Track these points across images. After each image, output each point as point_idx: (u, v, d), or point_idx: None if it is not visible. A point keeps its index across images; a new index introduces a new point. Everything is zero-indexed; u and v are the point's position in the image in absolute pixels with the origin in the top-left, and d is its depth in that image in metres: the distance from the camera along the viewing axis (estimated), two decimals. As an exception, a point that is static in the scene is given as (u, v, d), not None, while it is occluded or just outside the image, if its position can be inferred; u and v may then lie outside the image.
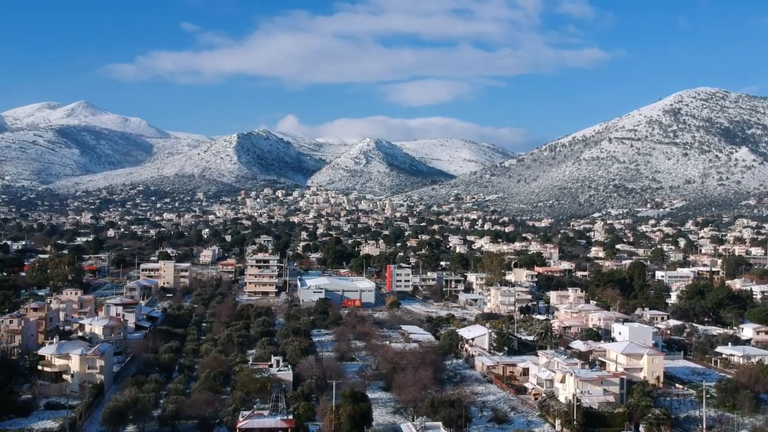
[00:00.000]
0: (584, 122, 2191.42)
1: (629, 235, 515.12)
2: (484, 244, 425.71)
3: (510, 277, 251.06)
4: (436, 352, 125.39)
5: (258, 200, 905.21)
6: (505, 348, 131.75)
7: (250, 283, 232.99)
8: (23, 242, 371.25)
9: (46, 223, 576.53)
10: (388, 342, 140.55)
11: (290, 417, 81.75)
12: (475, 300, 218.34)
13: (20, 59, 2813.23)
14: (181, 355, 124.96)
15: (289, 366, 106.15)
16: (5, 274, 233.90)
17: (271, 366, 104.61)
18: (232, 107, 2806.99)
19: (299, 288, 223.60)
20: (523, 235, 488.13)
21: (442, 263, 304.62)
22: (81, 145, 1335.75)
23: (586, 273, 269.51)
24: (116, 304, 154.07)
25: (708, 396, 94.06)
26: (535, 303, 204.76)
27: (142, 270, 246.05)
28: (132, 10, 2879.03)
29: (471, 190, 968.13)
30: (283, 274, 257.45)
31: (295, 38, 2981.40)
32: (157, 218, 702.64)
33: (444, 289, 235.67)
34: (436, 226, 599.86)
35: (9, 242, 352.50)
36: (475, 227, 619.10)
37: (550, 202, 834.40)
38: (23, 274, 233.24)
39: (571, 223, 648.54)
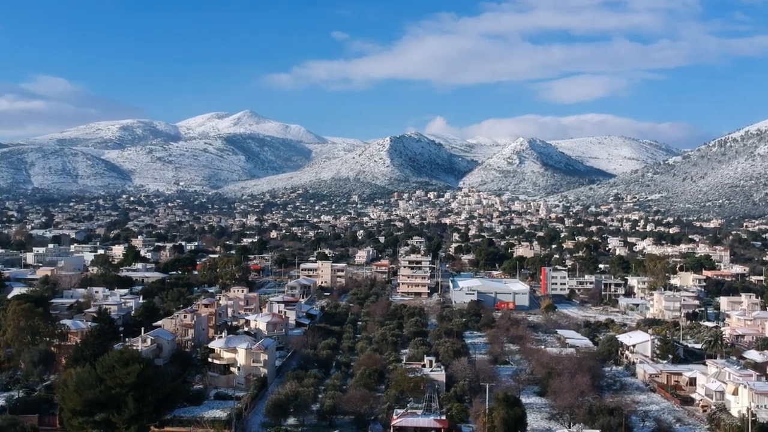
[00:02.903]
0: (758, 115, 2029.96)
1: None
2: (646, 246, 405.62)
3: (675, 281, 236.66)
4: (594, 358, 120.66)
5: (410, 202, 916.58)
6: (670, 356, 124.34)
7: (402, 283, 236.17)
8: (196, 243, 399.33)
9: (216, 225, 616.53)
10: (543, 346, 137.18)
11: (443, 417, 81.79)
12: (637, 305, 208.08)
13: (193, 73, 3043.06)
14: (338, 352, 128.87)
15: (442, 367, 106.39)
16: (180, 272, 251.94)
17: (424, 366, 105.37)
18: (382, 111, 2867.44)
19: (451, 289, 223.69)
20: (690, 236, 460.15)
21: (601, 266, 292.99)
22: (246, 151, 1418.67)
23: (761, 278, 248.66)
24: (278, 302, 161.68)
25: None
26: (703, 309, 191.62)
27: (302, 269, 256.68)
28: (286, 22, 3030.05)
29: (632, 190, 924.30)
30: (435, 275, 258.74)
31: (442, 41, 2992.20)
32: (315, 220, 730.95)
33: (603, 293, 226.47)
34: (593, 228, 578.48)
35: (183, 243, 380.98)
36: (637, 228, 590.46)
37: (720, 201, 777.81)
38: (196, 272, 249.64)
39: (744, 224, 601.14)
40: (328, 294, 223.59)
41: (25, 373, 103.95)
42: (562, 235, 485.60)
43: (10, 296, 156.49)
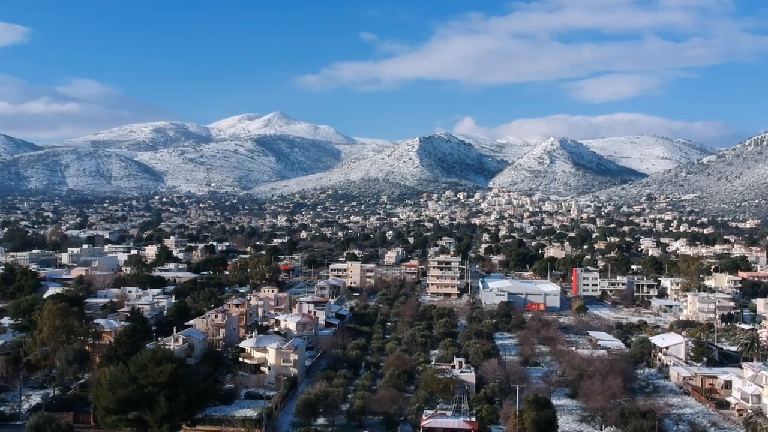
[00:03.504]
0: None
1: None
2: (679, 246, 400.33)
3: (709, 282, 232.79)
4: (626, 360, 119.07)
5: (439, 202, 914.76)
6: (704, 358, 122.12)
7: (432, 284, 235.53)
8: (227, 243, 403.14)
9: (247, 225, 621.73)
10: (574, 348, 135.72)
11: (473, 419, 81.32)
12: (670, 306, 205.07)
13: (223, 75, 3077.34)
14: (367, 353, 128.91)
15: (472, 368, 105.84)
16: (212, 272, 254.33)
17: (453, 367, 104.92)
18: (411, 112, 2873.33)
19: (481, 290, 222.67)
20: (725, 237, 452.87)
21: (633, 267, 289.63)
22: (276, 153, 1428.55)
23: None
24: (308, 302, 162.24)
25: None
26: (738, 311, 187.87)
27: (331, 270, 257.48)
28: (315, 24, 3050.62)
29: (665, 190, 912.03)
30: (464, 276, 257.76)
31: (471, 41, 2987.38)
32: (344, 221, 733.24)
33: (635, 294, 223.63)
34: (626, 228, 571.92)
35: (215, 243, 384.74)
36: (670, 229, 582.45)
37: (756, 201, 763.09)
38: (227, 272, 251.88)
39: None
40: (357, 294, 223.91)
41: (61, 371, 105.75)
42: (594, 235, 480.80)
43: (45, 296, 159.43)
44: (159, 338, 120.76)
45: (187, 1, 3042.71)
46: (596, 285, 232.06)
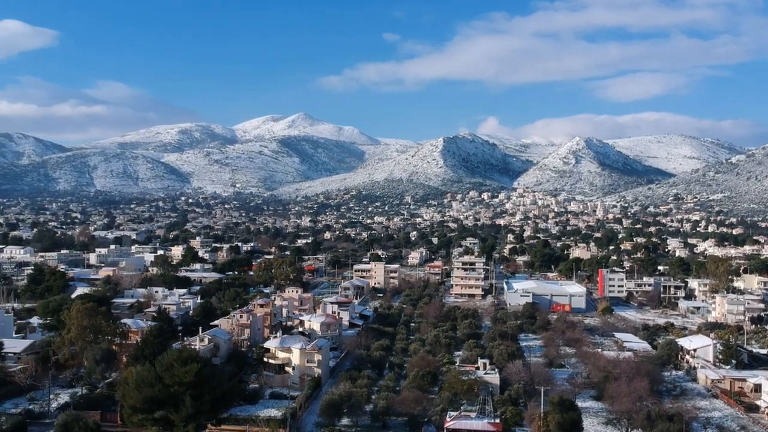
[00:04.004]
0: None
1: None
2: (707, 247, 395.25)
3: (738, 283, 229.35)
4: (653, 363, 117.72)
5: (464, 203, 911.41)
6: (733, 361, 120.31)
7: (456, 285, 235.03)
8: (251, 244, 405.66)
9: (271, 226, 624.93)
10: (599, 349, 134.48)
11: (497, 420, 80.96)
12: (698, 308, 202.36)
13: (247, 77, 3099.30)
14: (391, 353, 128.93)
15: (496, 369, 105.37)
16: (237, 273, 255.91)
17: (477, 368, 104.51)
18: (434, 112, 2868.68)
19: (505, 291, 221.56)
20: (754, 237, 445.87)
21: (660, 268, 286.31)
22: (300, 153, 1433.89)
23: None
24: (332, 303, 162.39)
25: None
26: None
27: (355, 270, 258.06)
28: (338, 25, 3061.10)
29: (692, 189, 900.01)
30: (489, 277, 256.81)
31: (494, 40, 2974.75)
32: (368, 221, 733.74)
33: (662, 295, 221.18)
34: (652, 228, 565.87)
35: (240, 244, 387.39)
36: (698, 229, 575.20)
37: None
38: (252, 273, 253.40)
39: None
40: (381, 295, 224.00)
41: (88, 370, 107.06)
42: (620, 236, 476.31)
43: (73, 296, 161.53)
44: (185, 338, 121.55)
45: (212, 2, 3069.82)
46: (622, 286, 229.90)
